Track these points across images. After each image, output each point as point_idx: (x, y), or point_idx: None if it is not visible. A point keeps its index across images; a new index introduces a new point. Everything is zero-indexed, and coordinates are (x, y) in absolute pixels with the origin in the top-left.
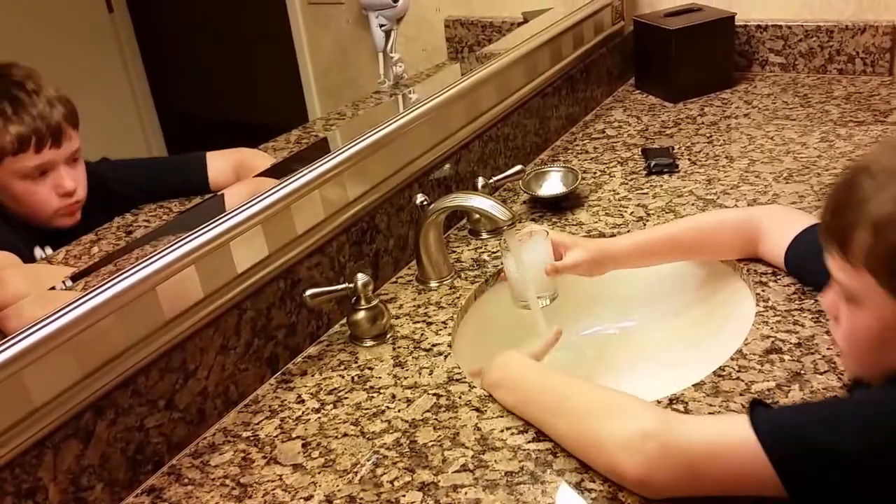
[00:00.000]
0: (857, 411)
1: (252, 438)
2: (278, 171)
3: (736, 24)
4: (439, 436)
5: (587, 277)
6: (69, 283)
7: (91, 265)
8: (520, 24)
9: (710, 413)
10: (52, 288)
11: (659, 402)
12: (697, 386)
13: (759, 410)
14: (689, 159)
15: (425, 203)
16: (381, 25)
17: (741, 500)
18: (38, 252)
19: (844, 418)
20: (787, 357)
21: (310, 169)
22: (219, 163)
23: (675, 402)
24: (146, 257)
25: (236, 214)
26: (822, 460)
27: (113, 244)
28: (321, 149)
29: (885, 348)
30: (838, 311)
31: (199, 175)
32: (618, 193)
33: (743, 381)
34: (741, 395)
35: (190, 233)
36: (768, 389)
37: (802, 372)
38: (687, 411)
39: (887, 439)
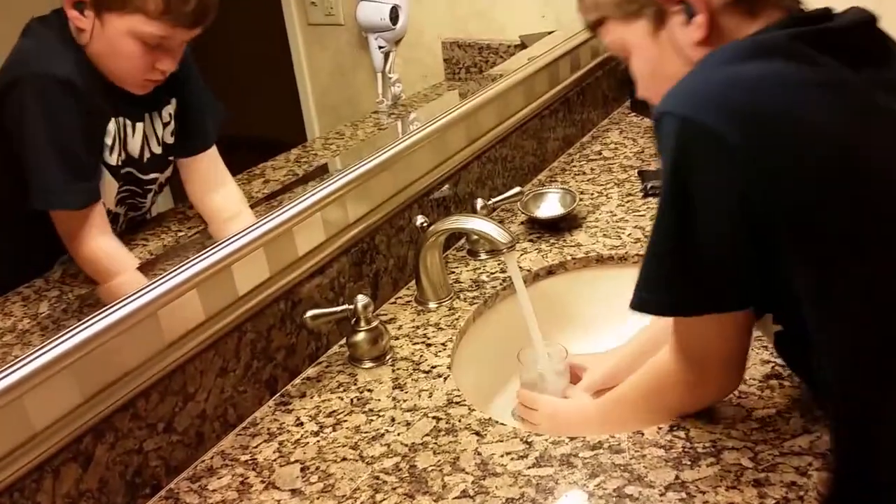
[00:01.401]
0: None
1: (250, 462)
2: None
3: None
4: (439, 460)
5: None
6: None
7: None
8: (516, 47)
9: (710, 441)
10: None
11: (659, 429)
12: (697, 413)
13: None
14: None
15: (425, 224)
16: (381, 47)
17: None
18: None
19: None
20: (786, 383)
21: (312, 192)
22: (215, 179)
23: (675, 428)
24: (150, 283)
25: (239, 238)
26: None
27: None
28: (324, 171)
29: (662, 71)
30: (641, 88)
31: (191, 152)
32: (615, 215)
33: (743, 407)
34: (742, 421)
35: (193, 257)
36: (768, 416)
37: (802, 398)
38: (688, 438)
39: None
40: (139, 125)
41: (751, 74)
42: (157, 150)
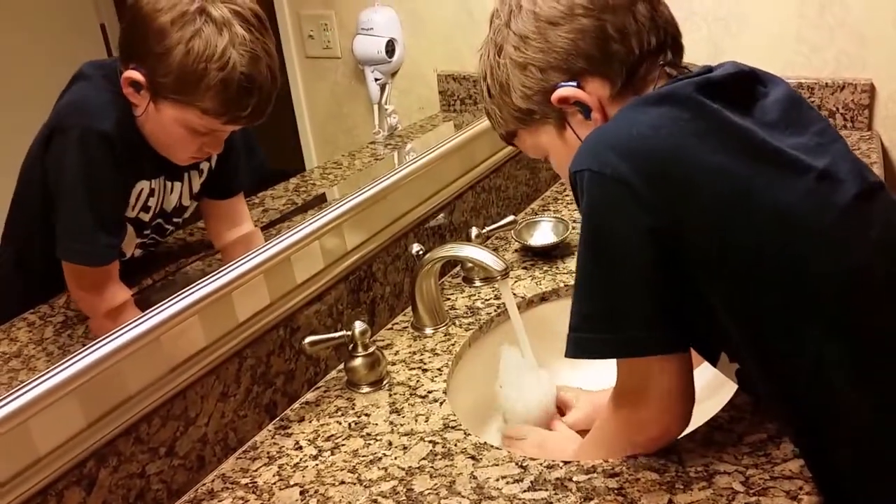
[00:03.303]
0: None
1: (250, 485)
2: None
3: None
4: (435, 484)
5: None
6: None
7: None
8: None
9: (703, 465)
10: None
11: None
12: (690, 436)
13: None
14: None
15: (421, 252)
16: (377, 79)
17: None
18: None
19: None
20: None
21: (311, 221)
22: (237, 217)
23: (668, 452)
24: (153, 309)
25: (240, 265)
26: None
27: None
28: (321, 200)
29: (566, 149)
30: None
31: (219, 198)
32: None
33: (735, 431)
34: (734, 445)
35: (195, 284)
36: (760, 441)
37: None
38: (681, 462)
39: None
40: (177, 184)
41: (645, 121)
42: (187, 202)
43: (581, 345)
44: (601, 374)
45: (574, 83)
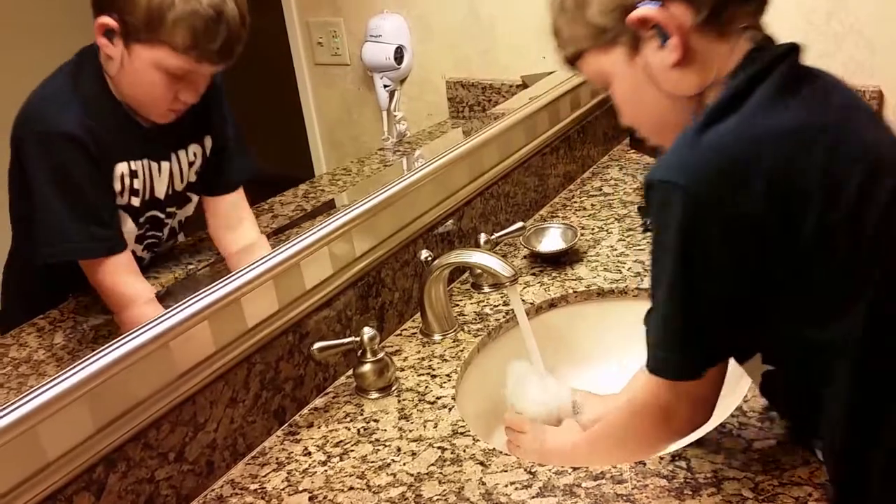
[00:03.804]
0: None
1: (259, 491)
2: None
3: None
4: (444, 490)
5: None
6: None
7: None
8: (518, 87)
9: (712, 471)
10: None
11: (661, 458)
12: (698, 442)
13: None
14: None
15: (430, 259)
16: (386, 86)
17: None
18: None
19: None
20: None
21: (320, 227)
22: (238, 216)
23: (677, 458)
24: (163, 314)
25: (249, 271)
26: None
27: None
28: (330, 206)
29: (644, 100)
30: (621, 116)
31: (217, 192)
32: (615, 249)
33: (744, 437)
34: (743, 451)
35: (205, 289)
36: (769, 447)
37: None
38: (690, 468)
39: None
40: (164, 165)
41: (727, 134)
42: (180, 187)
43: (667, 361)
44: (613, 378)
45: (656, 3)
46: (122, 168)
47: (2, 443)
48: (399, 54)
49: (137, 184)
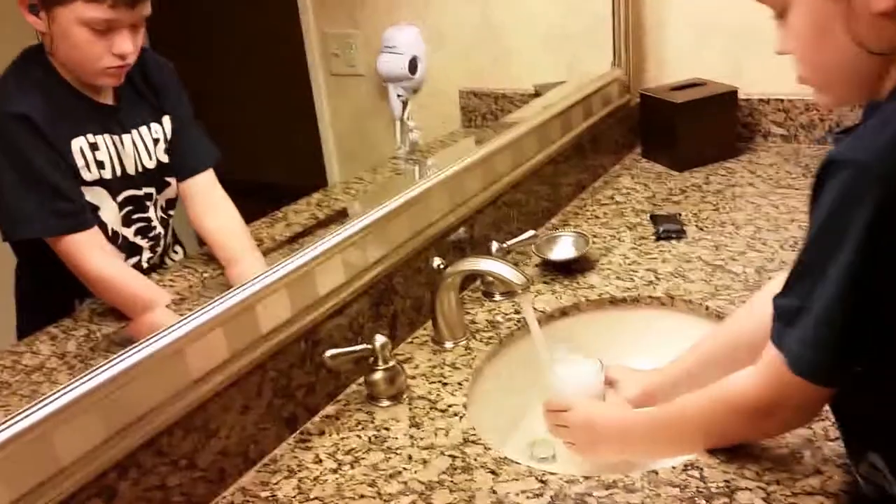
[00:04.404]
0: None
1: (270, 498)
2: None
3: (739, 98)
4: (455, 498)
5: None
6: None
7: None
8: (531, 96)
9: (724, 480)
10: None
11: (674, 468)
12: (711, 452)
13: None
14: (696, 226)
15: (441, 266)
16: (399, 95)
17: None
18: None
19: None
20: None
21: (333, 235)
22: (213, 200)
23: (689, 467)
24: (178, 321)
25: (264, 278)
26: None
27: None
28: (343, 215)
29: (825, 38)
30: (786, 41)
31: (189, 173)
32: (627, 258)
33: (756, 446)
34: (755, 461)
35: (220, 296)
36: (781, 456)
37: (814, 439)
38: (702, 478)
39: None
40: (126, 137)
41: None
42: (150, 164)
43: (816, 363)
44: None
45: None
46: (79, 143)
47: (16, 447)
48: (413, 65)
49: (101, 155)
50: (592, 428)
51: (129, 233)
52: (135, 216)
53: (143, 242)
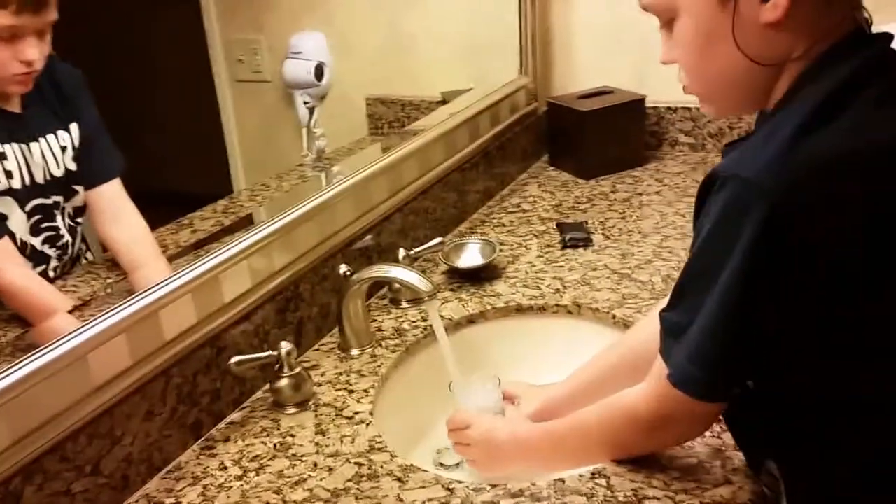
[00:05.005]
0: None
1: None
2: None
3: (646, 106)
4: None
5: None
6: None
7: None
8: (438, 103)
9: (632, 489)
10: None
11: (581, 476)
12: (618, 460)
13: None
14: (603, 234)
15: (348, 273)
16: (305, 102)
17: None
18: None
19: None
20: (708, 433)
21: (239, 241)
22: (119, 208)
23: (596, 476)
24: (80, 327)
25: (167, 284)
26: None
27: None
28: (249, 221)
29: (712, 48)
30: (671, 51)
31: (98, 181)
32: (534, 266)
33: (664, 456)
34: (663, 470)
35: (122, 301)
36: (690, 465)
37: (723, 448)
38: (610, 486)
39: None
40: (35, 145)
41: (828, 153)
42: (58, 172)
43: (697, 379)
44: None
45: None
46: None
47: None
48: (319, 71)
49: (9, 165)
50: (492, 444)
51: (36, 242)
52: (43, 225)
53: (51, 251)
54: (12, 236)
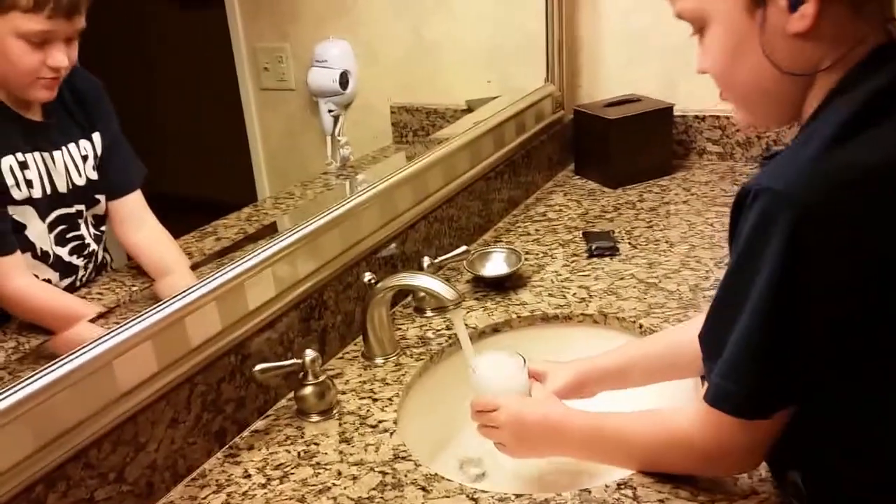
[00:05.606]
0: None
1: None
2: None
3: (674, 114)
4: None
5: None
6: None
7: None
8: (463, 112)
9: (658, 500)
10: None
11: (607, 486)
12: (645, 471)
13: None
14: (629, 243)
15: (373, 281)
16: (330, 110)
17: None
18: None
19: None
20: None
21: (263, 248)
22: (141, 217)
23: (622, 486)
24: (106, 333)
25: (193, 291)
26: None
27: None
28: (273, 230)
29: (741, 57)
30: (703, 59)
31: (121, 192)
32: (560, 275)
33: None
34: (690, 482)
35: (149, 308)
36: (717, 477)
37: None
38: (636, 497)
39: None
40: (57, 154)
41: (862, 163)
42: (80, 181)
43: (735, 395)
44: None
45: None
46: (8, 161)
47: None
48: (344, 79)
49: (30, 174)
50: (523, 426)
51: (63, 252)
52: (69, 235)
53: (79, 261)
54: (31, 246)
